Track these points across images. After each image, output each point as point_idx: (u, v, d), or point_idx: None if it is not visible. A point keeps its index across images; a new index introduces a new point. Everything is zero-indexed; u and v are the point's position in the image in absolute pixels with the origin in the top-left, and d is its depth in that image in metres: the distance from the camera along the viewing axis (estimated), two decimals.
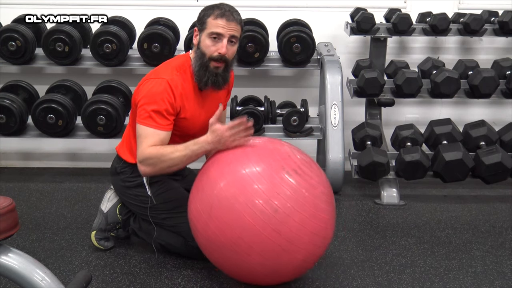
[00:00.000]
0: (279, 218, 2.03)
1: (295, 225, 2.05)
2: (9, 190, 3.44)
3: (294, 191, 2.07)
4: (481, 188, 3.51)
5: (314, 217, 2.09)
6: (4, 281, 2.20)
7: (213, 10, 2.31)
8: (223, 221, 2.07)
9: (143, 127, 2.29)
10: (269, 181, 2.06)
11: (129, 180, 2.50)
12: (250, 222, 2.03)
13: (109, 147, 3.75)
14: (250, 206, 2.03)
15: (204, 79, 2.36)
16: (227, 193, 2.08)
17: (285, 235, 2.04)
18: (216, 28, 2.29)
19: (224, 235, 2.08)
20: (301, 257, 2.12)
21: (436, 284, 2.37)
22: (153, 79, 2.34)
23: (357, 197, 3.46)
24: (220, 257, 2.17)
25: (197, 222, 2.18)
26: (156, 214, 2.49)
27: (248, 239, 2.05)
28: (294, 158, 2.16)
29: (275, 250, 2.06)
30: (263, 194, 2.04)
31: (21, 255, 1.67)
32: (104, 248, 2.61)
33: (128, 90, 3.68)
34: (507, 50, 3.97)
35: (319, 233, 2.12)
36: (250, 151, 2.19)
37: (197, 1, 3.85)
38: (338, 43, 3.83)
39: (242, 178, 2.09)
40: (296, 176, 2.10)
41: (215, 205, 2.09)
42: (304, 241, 2.09)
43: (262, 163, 2.11)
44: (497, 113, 3.99)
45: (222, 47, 2.30)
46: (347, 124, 3.56)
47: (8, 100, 3.38)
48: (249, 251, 2.07)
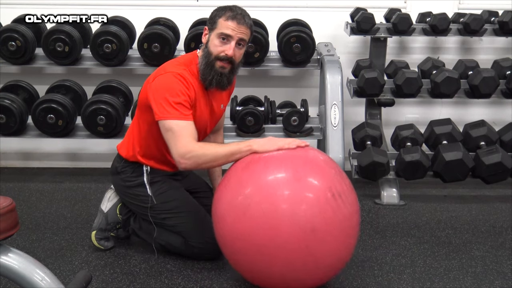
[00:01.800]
0: (314, 237, 2.02)
1: (326, 250, 2.06)
2: (9, 190, 3.44)
3: (335, 214, 2.05)
4: (481, 188, 3.51)
5: (344, 245, 2.12)
6: (4, 281, 2.20)
7: (225, 11, 2.30)
8: (259, 221, 2.03)
9: (171, 122, 2.24)
10: (315, 197, 2.04)
11: (130, 180, 2.50)
12: (285, 231, 2.01)
13: (109, 147, 3.75)
14: (289, 218, 2.00)
15: (209, 78, 2.35)
16: (270, 203, 2.03)
17: (315, 255, 2.05)
18: (225, 30, 2.28)
19: (256, 234, 2.04)
20: (320, 277, 2.16)
21: (436, 284, 2.37)
22: (163, 75, 2.31)
23: (357, 197, 3.45)
24: (241, 257, 2.15)
25: (228, 215, 2.13)
26: (156, 214, 2.49)
27: (277, 245, 2.02)
28: (340, 181, 2.14)
29: (301, 265, 2.06)
30: (306, 210, 2.01)
31: (21, 255, 1.67)
32: (104, 248, 2.61)
33: (128, 90, 3.68)
34: (507, 50, 3.97)
35: (344, 259, 2.18)
36: (301, 163, 2.14)
37: (197, 1, 3.85)
38: (338, 43, 3.83)
39: (289, 187, 2.05)
40: (340, 201, 2.08)
41: (253, 205, 2.04)
42: (328, 265, 2.12)
43: (313, 178, 2.09)
44: (497, 113, 3.99)
45: (230, 48, 2.30)
46: (347, 124, 3.56)
47: (8, 100, 3.38)
48: (273, 260, 2.05)
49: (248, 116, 3.46)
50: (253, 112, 3.47)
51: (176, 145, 2.24)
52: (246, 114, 3.46)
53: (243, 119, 3.46)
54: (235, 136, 3.50)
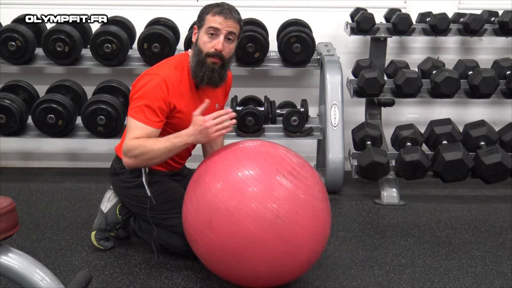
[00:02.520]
0: (282, 224, 2.01)
1: (299, 229, 2.04)
2: (9, 190, 3.44)
3: (292, 194, 2.05)
4: (481, 188, 3.51)
5: (315, 218, 2.09)
6: (4, 281, 2.20)
7: (212, 7, 2.35)
8: (226, 233, 2.03)
9: (132, 120, 2.30)
10: (266, 185, 2.03)
11: (129, 181, 2.50)
12: (253, 231, 2.00)
13: (109, 147, 3.75)
14: (250, 214, 2.00)
15: (200, 74, 2.36)
16: (226, 203, 2.03)
17: (290, 240, 2.03)
18: (213, 23, 2.30)
19: (228, 247, 2.05)
20: (305, 258, 2.13)
21: (436, 284, 2.37)
22: (149, 75, 2.36)
23: (357, 197, 3.45)
24: (223, 267, 2.16)
25: (197, 235, 2.15)
26: (155, 215, 2.48)
27: (253, 248, 2.02)
28: (288, 160, 2.13)
29: (281, 256, 2.05)
30: (262, 199, 2.01)
31: (21, 255, 1.67)
32: (104, 248, 2.61)
33: (128, 90, 3.67)
34: (507, 50, 3.97)
35: (320, 233, 2.14)
36: (242, 155, 2.14)
37: (197, 1, 3.85)
38: (338, 43, 3.83)
39: (237, 184, 2.05)
40: (293, 178, 2.07)
41: (215, 217, 2.05)
42: (308, 242, 2.09)
43: (257, 167, 2.08)
44: (497, 113, 3.99)
45: (219, 43, 2.31)
46: (347, 124, 3.56)
47: (8, 100, 3.38)
48: (255, 259, 2.05)
49: (248, 116, 3.46)
50: (253, 112, 3.47)
51: (123, 144, 2.34)
52: (246, 114, 3.46)
53: (243, 119, 3.46)
54: (235, 136, 3.50)
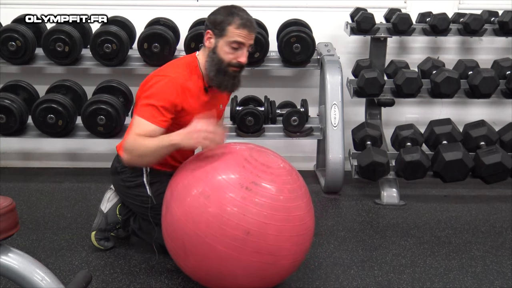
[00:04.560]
0: (253, 238, 1.95)
1: (272, 237, 1.97)
2: (9, 190, 3.44)
3: (260, 206, 1.97)
4: (481, 188, 3.51)
5: (288, 221, 2.01)
6: (4, 281, 2.20)
7: (233, 17, 2.31)
8: (200, 257, 2.03)
9: (137, 118, 2.30)
10: (231, 204, 1.96)
11: (129, 180, 2.50)
12: (226, 252, 1.96)
13: (109, 147, 3.75)
14: (219, 236, 1.95)
15: (224, 83, 2.38)
16: (194, 228, 2.00)
17: (265, 251, 1.98)
18: (238, 38, 2.31)
19: (206, 268, 2.06)
20: (289, 262, 2.08)
21: (436, 284, 2.37)
22: (158, 76, 2.37)
23: (357, 197, 3.45)
24: (209, 284, 2.17)
25: (178, 258, 2.19)
26: (156, 214, 2.48)
27: (230, 267, 2.00)
28: (250, 166, 2.04)
29: (260, 267, 2.02)
30: (229, 220, 1.95)
31: (21, 255, 1.67)
32: (104, 248, 2.61)
33: (128, 90, 3.68)
34: (507, 50, 3.97)
35: (299, 233, 2.05)
36: (209, 169, 2.07)
37: (197, 1, 3.85)
38: (338, 43, 3.83)
39: (200, 208, 1.99)
40: (257, 188, 1.99)
41: (187, 243, 2.04)
42: (287, 247, 2.03)
43: (218, 186, 2.00)
44: (497, 113, 3.99)
45: (244, 56, 2.35)
46: (347, 124, 3.56)
47: (8, 100, 3.38)
48: (234, 276, 2.03)
49: (248, 116, 3.46)
50: (253, 112, 3.47)
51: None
52: (246, 114, 3.46)
53: (243, 119, 3.46)
54: (235, 136, 3.51)
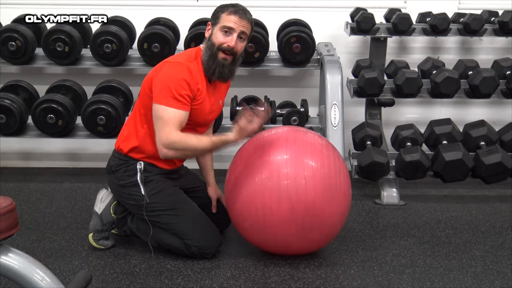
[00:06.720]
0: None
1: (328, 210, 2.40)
2: (9, 190, 3.44)
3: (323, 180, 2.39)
4: (481, 188, 3.51)
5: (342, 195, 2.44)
6: (4, 281, 2.20)
7: (228, 7, 2.45)
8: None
9: (163, 108, 2.33)
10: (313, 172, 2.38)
11: (124, 179, 2.51)
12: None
13: (109, 147, 3.72)
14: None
15: (212, 67, 2.45)
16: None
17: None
18: (228, 23, 2.41)
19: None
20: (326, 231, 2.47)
21: (436, 284, 2.37)
22: (172, 63, 2.42)
23: (357, 197, 3.45)
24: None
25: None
26: (151, 213, 2.49)
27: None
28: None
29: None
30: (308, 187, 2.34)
31: (21, 255, 1.67)
32: (105, 247, 2.61)
33: (128, 90, 3.68)
34: (507, 50, 3.97)
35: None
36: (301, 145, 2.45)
37: (197, 1, 3.85)
38: (338, 43, 3.83)
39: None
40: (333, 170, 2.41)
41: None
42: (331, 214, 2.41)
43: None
44: (497, 113, 3.99)
45: (232, 40, 2.42)
46: (347, 124, 3.56)
47: (8, 100, 3.38)
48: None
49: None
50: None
51: (160, 133, 2.35)
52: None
53: None
54: None
